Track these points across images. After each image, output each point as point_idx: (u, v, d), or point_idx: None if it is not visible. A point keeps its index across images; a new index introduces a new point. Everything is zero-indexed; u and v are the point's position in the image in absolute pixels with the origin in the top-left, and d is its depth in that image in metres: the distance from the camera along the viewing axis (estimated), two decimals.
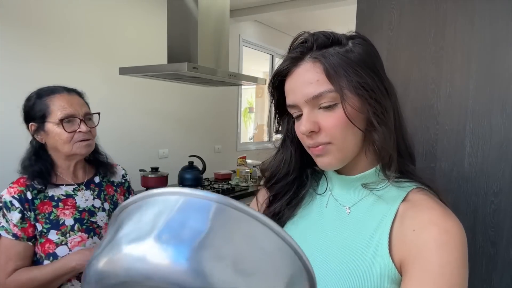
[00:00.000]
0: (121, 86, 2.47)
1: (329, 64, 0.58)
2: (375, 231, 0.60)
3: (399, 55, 1.02)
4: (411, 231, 0.56)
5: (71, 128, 1.11)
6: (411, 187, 0.62)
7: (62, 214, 1.13)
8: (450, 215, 0.57)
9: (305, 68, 0.60)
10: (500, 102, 0.89)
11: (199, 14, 2.01)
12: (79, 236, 1.12)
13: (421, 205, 0.58)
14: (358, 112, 0.58)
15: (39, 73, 2.05)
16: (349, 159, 0.62)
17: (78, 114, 1.13)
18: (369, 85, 0.58)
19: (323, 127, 0.59)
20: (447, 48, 0.95)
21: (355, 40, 0.61)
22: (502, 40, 0.88)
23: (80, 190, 1.19)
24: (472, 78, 0.92)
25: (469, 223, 0.92)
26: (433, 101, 0.97)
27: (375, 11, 1.05)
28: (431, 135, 0.98)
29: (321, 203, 0.69)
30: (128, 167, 2.49)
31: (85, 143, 1.14)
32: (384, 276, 0.56)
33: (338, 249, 0.62)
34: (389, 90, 0.61)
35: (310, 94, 0.59)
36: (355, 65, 0.58)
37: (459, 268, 0.53)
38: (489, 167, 0.90)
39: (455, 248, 0.53)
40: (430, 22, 0.97)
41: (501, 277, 0.89)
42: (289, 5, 3.11)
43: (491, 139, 0.90)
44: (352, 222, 0.63)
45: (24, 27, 1.97)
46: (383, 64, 0.63)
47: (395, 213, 0.59)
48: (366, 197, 0.64)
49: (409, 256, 0.55)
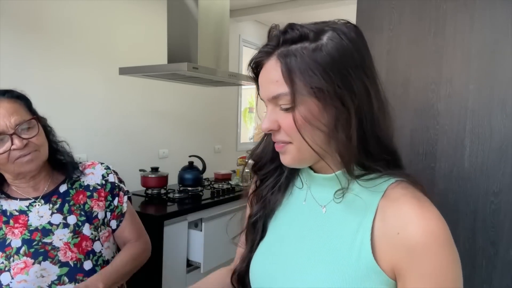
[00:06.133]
0: (121, 86, 2.47)
1: (286, 65, 0.55)
2: (356, 231, 0.58)
3: (399, 55, 1.02)
4: (396, 234, 0.54)
5: (3, 147, 0.93)
6: (389, 182, 0.60)
7: (10, 233, 0.97)
8: (429, 211, 0.55)
9: (270, 65, 0.58)
10: (500, 102, 0.89)
11: (199, 14, 2.01)
12: (22, 261, 0.95)
13: (400, 201, 0.56)
14: (318, 115, 0.56)
15: (39, 73, 2.05)
16: (314, 159, 0.61)
17: (6, 129, 0.93)
18: (326, 90, 0.54)
19: (282, 127, 0.58)
20: (447, 48, 0.95)
21: (332, 34, 0.55)
22: (502, 40, 0.88)
23: (35, 205, 1.02)
24: (472, 78, 0.92)
25: (469, 223, 0.92)
26: (433, 101, 0.97)
27: (375, 11, 1.05)
28: (431, 135, 0.98)
29: (300, 197, 0.69)
30: (128, 167, 2.50)
31: (26, 159, 0.95)
32: (370, 278, 0.56)
33: (320, 249, 0.61)
34: (357, 93, 0.55)
35: (270, 94, 0.58)
36: (316, 66, 0.54)
37: (451, 266, 0.53)
38: (489, 167, 0.90)
39: (442, 247, 0.53)
40: (430, 22, 0.97)
41: (501, 277, 0.89)
42: (289, 5, 3.11)
43: (491, 139, 0.90)
44: (330, 221, 0.62)
45: (24, 27, 1.97)
46: (364, 60, 0.57)
47: (374, 211, 0.58)
48: (342, 196, 0.62)
49: (400, 262, 0.54)
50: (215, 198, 2.37)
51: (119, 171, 1.25)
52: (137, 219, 1.20)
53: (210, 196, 2.41)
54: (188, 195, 2.37)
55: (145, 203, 2.26)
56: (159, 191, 2.42)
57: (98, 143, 2.37)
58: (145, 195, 2.39)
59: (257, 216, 0.72)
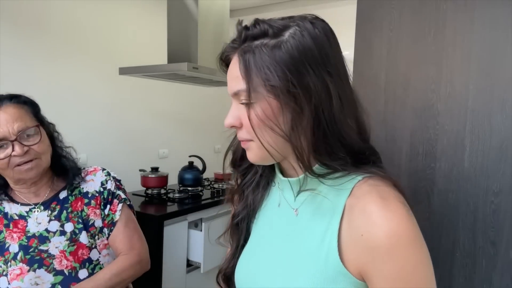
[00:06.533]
0: (121, 86, 2.47)
1: (244, 61, 0.54)
2: (325, 233, 0.58)
3: (399, 55, 1.02)
4: (360, 236, 0.53)
5: (3, 153, 0.93)
6: (356, 180, 0.58)
7: (10, 237, 0.98)
8: (392, 211, 0.52)
9: (234, 61, 0.58)
10: (500, 102, 0.89)
11: (199, 14, 2.01)
12: (19, 267, 0.95)
13: (365, 200, 0.55)
14: (276, 115, 0.54)
15: (39, 73, 2.04)
16: (278, 157, 0.60)
17: (8, 135, 0.93)
18: (280, 88, 0.52)
19: (243, 123, 0.58)
20: (447, 48, 0.95)
21: (294, 30, 0.54)
22: (502, 40, 0.88)
23: (35, 211, 1.02)
24: (472, 78, 0.92)
25: (469, 223, 0.92)
26: (433, 101, 0.97)
27: (375, 11, 1.05)
28: (431, 135, 0.98)
29: (275, 200, 0.69)
30: (128, 167, 2.50)
31: (26, 167, 0.96)
32: (338, 280, 0.55)
33: (293, 251, 0.61)
34: (314, 92, 0.53)
35: (231, 89, 0.58)
36: (273, 63, 0.53)
37: (418, 267, 0.52)
38: (489, 167, 0.90)
39: (406, 248, 0.51)
40: (430, 22, 0.97)
41: (501, 277, 0.89)
42: (289, 5, 3.11)
43: (491, 139, 0.90)
44: (301, 224, 0.62)
45: (24, 27, 1.97)
46: (328, 59, 0.55)
47: (341, 212, 0.57)
48: (311, 198, 0.62)
49: (366, 264, 0.53)
50: (215, 198, 2.37)
51: (119, 171, 1.25)
52: (131, 230, 1.12)
53: (210, 196, 2.41)
54: (188, 195, 2.37)
55: (145, 203, 2.26)
56: (159, 191, 2.42)
57: (98, 143, 2.37)
58: (145, 195, 2.39)
59: (240, 217, 0.71)
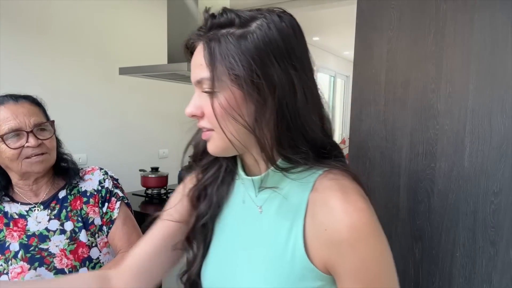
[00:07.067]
0: (121, 86, 2.47)
1: (209, 49, 0.54)
2: (290, 230, 0.58)
3: (399, 55, 1.02)
4: (324, 231, 0.54)
5: (17, 143, 0.96)
6: (317, 174, 0.58)
7: (10, 236, 0.99)
8: (352, 204, 0.53)
9: (198, 49, 0.57)
10: (500, 102, 0.89)
11: (199, 14, 2.01)
12: (19, 266, 0.96)
13: (326, 194, 0.55)
14: (240, 105, 0.54)
15: (39, 73, 2.05)
16: (240, 149, 0.59)
17: (24, 127, 0.97)
18: (244, 78, 0.52)
19: (205, 113, 0.58)
20: (447, 48, 0.95)
21: (261, 22, 0.54)
22: (502, 40, 0.88)
23: (35, 210, 1.03)
24: (472, 78, 0.92)
25: (469, 223, 0.92)
26: (433, 101, 0.97)
27: (375, 11, 1.05)
28: (431, 135, 0.98)
29: (240, 196, 0.68)
30: (128, 167, 2.50)
31: (36, 160, 0.98)
32: (306, 276, 0.55)
33: (259, 250, 0.61)
34: (278, 84, 0.53)
35: (194, 77, 0.57)
36: (238, 53, 0.52)
37: (379, 258, 0.53)
38: (489, 167, 0.90)
39: (366, 241, 0.52)
40: (430, 22, 0.97)
41: (501, 277, 0.89)
42: (289, 5, 3.11)
43: (491, 139, 0.90)
44: (266, 222, 0.61)
45: (24, 27, 1.97)
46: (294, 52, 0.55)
47: (305, 208, 0.57)
48: (275, 195, 0.61)
49: (331, 258, 0.54)
50: None
51: (119, 171, 1.25)
52: (130, 227, 1.13)
53: None
54: None
55: (145, 203, 2.26)
56: (159, 191, 2.42)
57: (98, 143, 2.37)
58: (145, 195, 2.39)
59: (205, 217, 0.69)
